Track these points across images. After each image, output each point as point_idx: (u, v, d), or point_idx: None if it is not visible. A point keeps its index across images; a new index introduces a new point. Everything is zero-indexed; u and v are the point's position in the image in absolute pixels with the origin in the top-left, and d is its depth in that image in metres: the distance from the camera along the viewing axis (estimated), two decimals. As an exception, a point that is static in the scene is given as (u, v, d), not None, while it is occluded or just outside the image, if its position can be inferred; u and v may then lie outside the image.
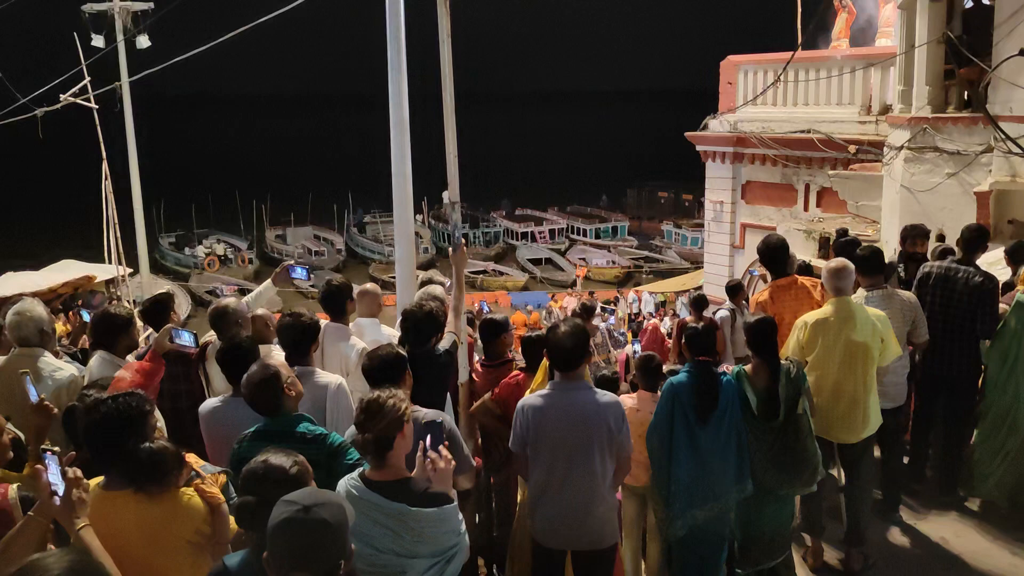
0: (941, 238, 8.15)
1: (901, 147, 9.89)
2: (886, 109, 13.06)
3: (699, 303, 8.97)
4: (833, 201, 14.36)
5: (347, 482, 3.11)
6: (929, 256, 6.73)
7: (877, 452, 5.77)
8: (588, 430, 4.04)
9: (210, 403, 4.26)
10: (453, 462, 3.17)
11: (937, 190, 9.44)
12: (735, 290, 8.55)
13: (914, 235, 6.91)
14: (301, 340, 4.46)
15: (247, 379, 3.67)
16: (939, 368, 6.03)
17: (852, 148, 13.65)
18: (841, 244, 6.75)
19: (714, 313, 8.69)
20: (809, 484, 4.68)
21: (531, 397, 4.23)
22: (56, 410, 3.85)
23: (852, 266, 5.32)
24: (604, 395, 4.12)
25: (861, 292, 5.79)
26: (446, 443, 3.25)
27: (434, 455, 3.11)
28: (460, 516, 3.13)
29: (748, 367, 4.68)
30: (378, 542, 2.97)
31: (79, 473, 2.88)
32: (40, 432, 3.72)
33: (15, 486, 3.23)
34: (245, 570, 2.65)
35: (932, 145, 9.52)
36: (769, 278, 6.19)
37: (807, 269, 7.54)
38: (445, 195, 5.68)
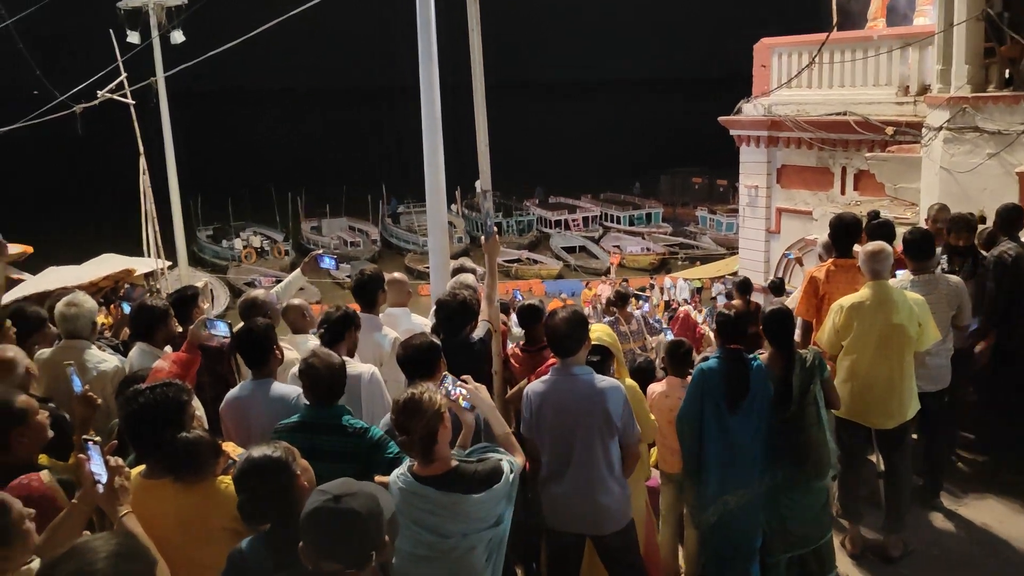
0: (982, 220, 7.96)
1: (940, 128, 9.69)
2: (924, 89, 12.79)
3: (744, 286, 8.86)
4: (871, 184, 14.12)
5: (398, 478, 3.15)
6: (976, 241, 6.53)
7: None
8: (586, 415, 4.05)
9: (231, 394, 4.32)
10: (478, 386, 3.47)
11: (977, 171, 9.24)
12: (781, 288, 8.50)
13: (959, 227, 6.45)
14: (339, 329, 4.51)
15: (326, 364, 3.70)
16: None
17: (889, 130, 13.39)
18: (872, 227, 6.61)
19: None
20: (817, 476, 4.61)
21: (535, 383, 4.25)
22: (100, 400, 3.94)
23: (889, 249, 5.23)
24: (602, 380, 4.11)
25: (906, 275, 5.69)
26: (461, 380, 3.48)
27: (460, 389, 3.32)
28: (508, 471, 3.19)
29: (764, 356, 4.64)
30: (441, 529, 3.05)
31: (120, 462, 2.94)
32: (84, 422, 3.81)
33: (45, 472, 3.29)
34: (252, 553, 2.74)
35: (972, 125, 9.31)
36: (804, 261, 6.12)
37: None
38: (478, 184, 5.68)
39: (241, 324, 5.12)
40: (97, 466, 2.87)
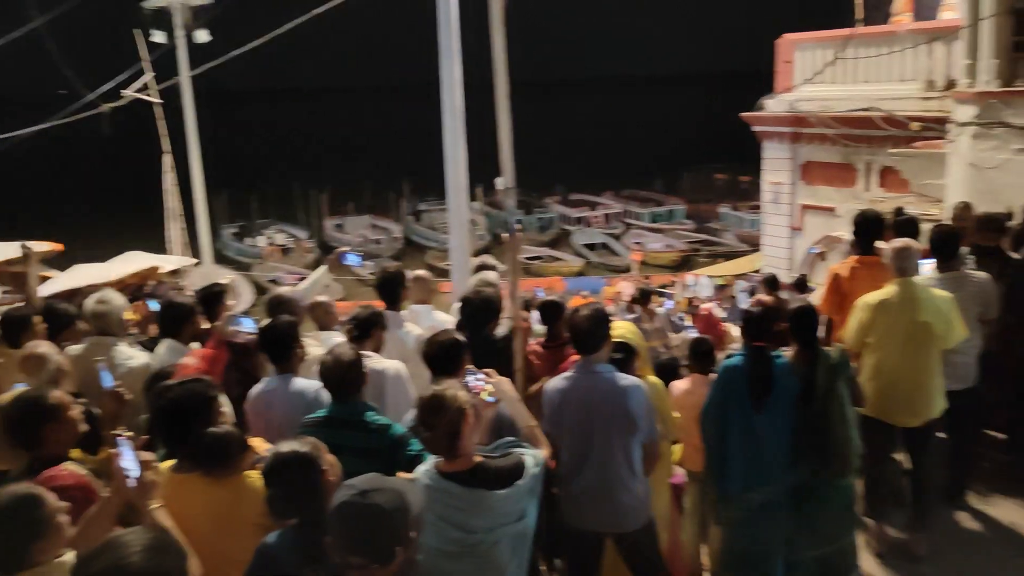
0: (1008, 216, 7.86)
1: (967, 123, 9.59)
2: (951, 84, 12.65)
3: (772, 283, 8.79)
4: (895, 180, 14.01)
5: (423, 475, 3.18)
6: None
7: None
8: (605, 413, 4.05)
9: (255, 389, 4.38)
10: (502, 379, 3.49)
11: (1005, 166, 9.14)
12: (805, 286, 8.44)
13: (988, 227, 6.31)
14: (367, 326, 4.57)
15: (335, 359, 3.74)
16: None
17: (915, 125, 13.26)
18: (898, 224, 6.55)
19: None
20: (841, 475, 4.57)
21: (556, 379, 4.26)
22: (129, 396, 4.00)
23: (916, 246, 5.19)
24: (624, 378, 4.11)
25: (932, 273, 5.64)
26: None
27: (481, 382, 3.36)
28: (531, 466, 3.20)
29: (789, 353, 4.62)
30: (466, 524, 3.08)
31: (151, 456, 2.99)
32: (114, 417, 3.87)
33: (68, 463, 3.34)
34: (279, 547, 2.78)
35: (999, 120, 9.21)
36: (827, 256, 6.09)
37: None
38: (499, 181, 5.70)
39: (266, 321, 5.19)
40: (128, 461, 2.92)
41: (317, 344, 4.93)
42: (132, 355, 4.91)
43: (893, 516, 5.40)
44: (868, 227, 5.90)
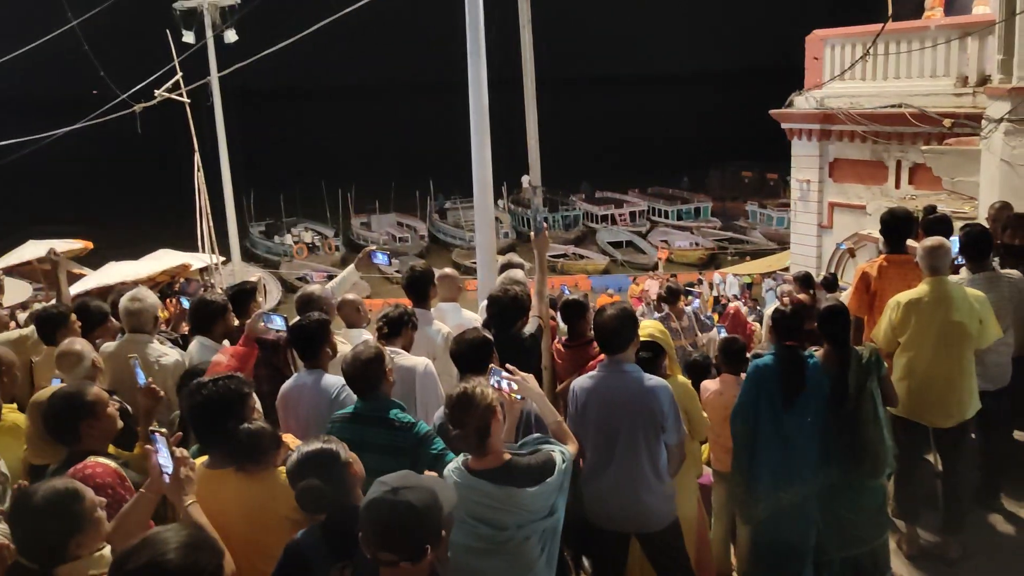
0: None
1: (1001, 119, 9.43)
2: (984, 80, 12.46)
3: (805, 281, 8.67)
4: (927, 178, 13.81)
5: (452, 472, 3.19)
6: None
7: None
8: (631, 413, 4.04)
9: (285, 384, 4.43)
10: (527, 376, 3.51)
11: (1039, 164, 8.98)
12: (834, 285, 8.33)
13: (1016, 226, 6.15)
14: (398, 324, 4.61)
15: (355, 355, 3.78)
16: None
17: (947, 122, 13.07)
18: (929, 222, 6.46)
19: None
20: (873, 475, 4.52)
21: (582, 378, 4.26)
22: (163, 393, 4.06)
23: (948, 244, 5.13)
24: (650, 379, 4.10)
25: (964, 273, 5.57)
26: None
27: (507, 382, 3.39)
28: (560, 463, 3.22)
29: (819, 352, 4.58)
30: (496, 522, 3.10)
31: (186, 452, 3.03)
32: (148, 414, 3.92)
33: (97, 458, 3.39)
34: (307, 544, 2.83)
35: (1034, 116, 9.05)
36: (856, 253, 6.02)
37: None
38: (525, 179, 5.71)
39: (298, 319, 5.24)
40: (163, 457, 2.96)
41: (345, 342, 4.96)
42: (165, 352, 4.98)
43: (925, 518, 5.33)
44: (897, 225, 5.82)
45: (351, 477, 2.91)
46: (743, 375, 4.80)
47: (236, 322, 5.28)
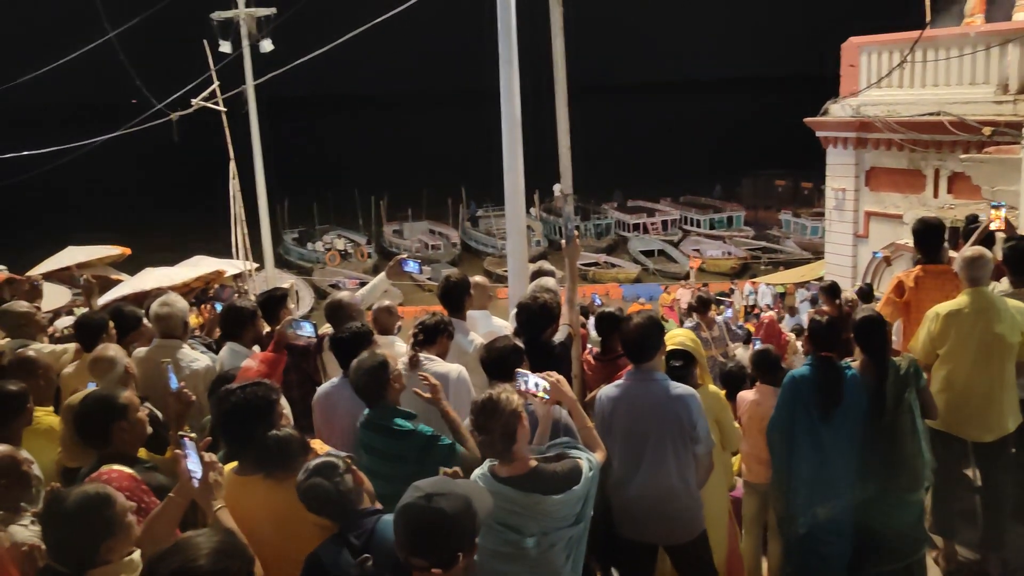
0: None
1: (1043, 127, 9.25)
2: (1026, 87, 12.24)
3: (832, 291, 8.58)
4: (966, 187, 13.56)
5: (478, 479, 3.19)
6: None
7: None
8: (657, 422, 4.00)
9: (322, 388, 4.46)
10: (560, 379, 3.52)
11: (1082, 173, 8.78)
12: (870, 295, 8.20)
13: None
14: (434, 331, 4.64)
15: (357, 363, 3.83)
16: None
17: (987, 130, 12.84)
18: (970, 231, 6.33)
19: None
20: (911, 489, 4.42)
21: (609, 387, 4.23)
22: (194, 397, 4.09)
23: (989, 255, 5.03)
24: (677, 387, 4.06)
25: (1003, 284, 5.45)
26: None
27: (535, 382, 3.39)
28: (587, 471, 3.21)
29: (856, 363, 4.49)
30: (522, 529, 3.09)
31: (215, 458, 3.05)
32: (179, 418, 3.95)
33: (118, 467, 3.41)
34: (326, 554, 2.87)
35: (1077, 124, 8.86)
36: (892, 262, 5.92)
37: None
38: (556, 187, 5.69)
39: (327, 325, 5.26)
40: (193, 462, 2.98)
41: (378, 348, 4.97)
42: (196, 358, 5.02)
43: (963, 534, 5.23)
44: (931, 235, 5.72)
45: (354, 484, 2.95)
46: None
47: (267, 328, 5.31)
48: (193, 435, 3.07)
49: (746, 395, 5.33)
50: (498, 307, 9.52)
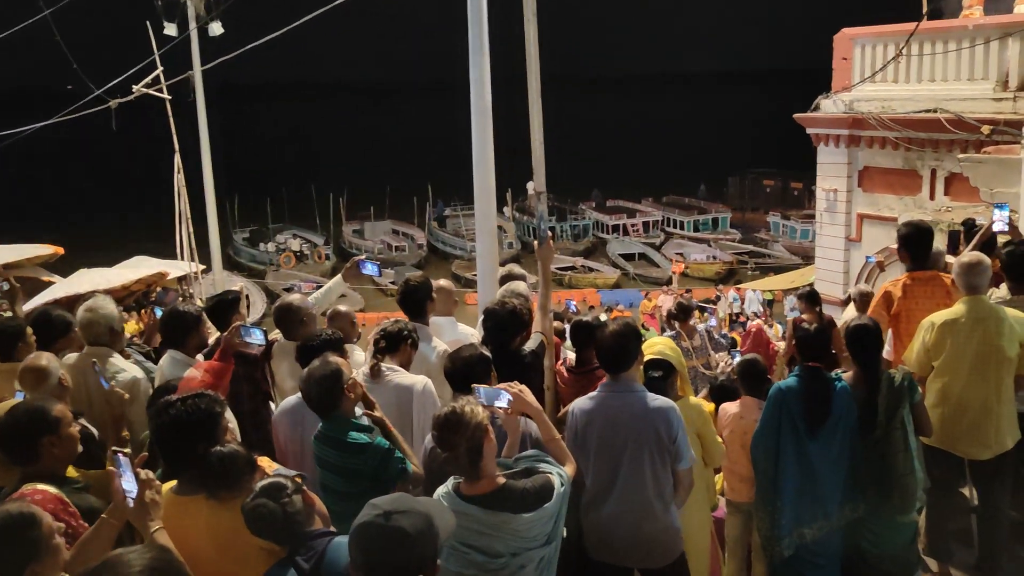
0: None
1: (1044, 126, 9.43)
2: (1026, 84, 12.47)
3: (811, 298, 8.70)
4: (963, 188, 13.77)
5: (442, 497, 3.18)
6: None
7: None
8: (634, 437, 4.00)
9: (287, 403, 4.41)
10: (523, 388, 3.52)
11: (1085, 174, 8.96)
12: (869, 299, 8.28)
13: None
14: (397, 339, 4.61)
15: (308, 373, 3.80)
16: None
17: (986, 128, 13.06)
18: (971, 236, 6.42)
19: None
20: (902, 510, 4.47)
21: (581, 400, 4.23)
22: (127, 395, 4.04)
23: (988, 261, 5.10)
24: (656, 399, 4.07)
25: (1002, 291, 5.53)
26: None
27: (498, 397, 3.40)
28: (559, 487, 3.21)
29: (847, 375, 4.54)
30: (489, 549, 3.10)
31: (151, 475, 3.00)
32: (116, 422, 3.90)
33: (42, 485, 3.36)
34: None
35: (1080, 123, 9.04)
36: (886, 268, 5.98)
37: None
38: (530, 185, 5.69)
39: (276, 331, 5.22)
40: (127, 480, 2.93)
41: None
42: (122, 368, 4.93)
43: (959, 557, 5.29)
44: (920, 239, 5.78)
45: (304, 505, 2.93)
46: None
47: (213, 335, 5.26)
48: (127, 451, 3.03)
49: (728, 408, 5.36)
50: (467, 314, 9.53)
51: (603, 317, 12.06)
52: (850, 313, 7.88)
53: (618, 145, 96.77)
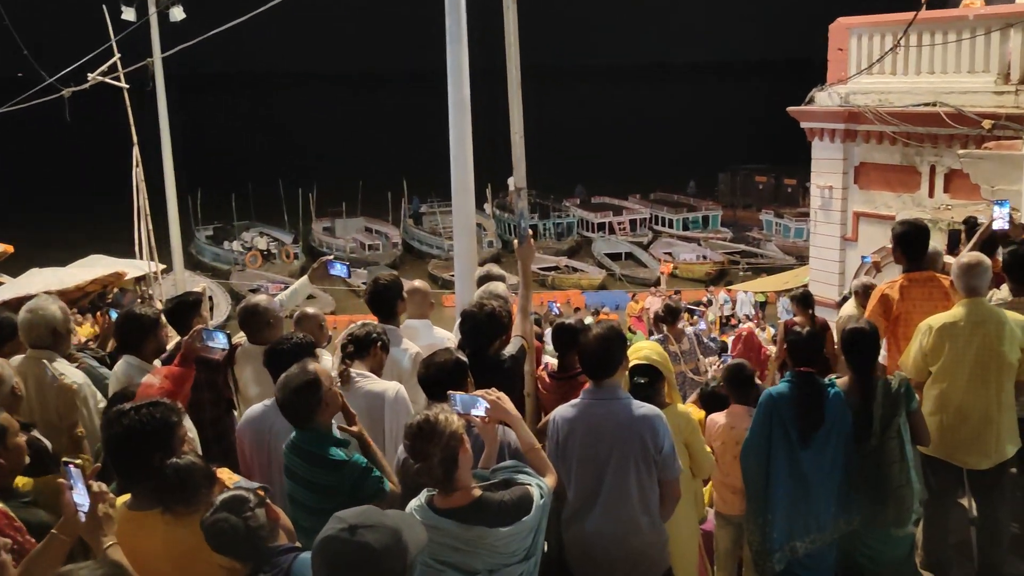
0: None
1: (1046, 121, 9.53)
2: (1029, 77, 12.58)
3: (804, 300, 8.75)
4: (964, 185, 13.88)
5: (415, 511, 3.16)
6: None
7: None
8: (618, 446, 4.00)
9: (252, 411, 4.38)
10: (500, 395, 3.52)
11: (1089, 171, 9.06)
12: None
13: None
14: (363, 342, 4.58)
15: (284, 380, 3.76)
16: None
17: (987, 123, 13.18)
18: (972, 235, 6.48)
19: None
20: (899, 521, 4.51)
21: (563, 407, 4.23)
22: (75, 385, 4.05)
23: (988, 262, 5.14)
24: (641, 407, 4.07)
25: (1003, 292, 5.58)
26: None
27: (474, 404, 3.42)
28: (538, 499, 3.21)
29: (842, 381, 4.56)
30: (465, 565, 3.09)
31: (105, 488, 2.97)
32: (68, 413, 3.87)
33: None
34: None
35: (1084, 118, 9.15)
36: (883, 268, 6.01)
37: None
38: (510, 181, 5.68)
39: (239, 335, 5.18)
40: (79, 493, 2.90)
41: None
42: (64, 372, 4.87)
43: (958, 570, 5.33)
44: (916, 238, 5.82)
45: (267, 519, 2.91)
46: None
47: (173, 340, 5.22)
48: (79, 461, 3.00)
49: (716, 418, 5.36)
50: (444, 316, 9.51)
51: (588, 320, 12.07)
52: (849, 310, 7.91)
53: (604, 139, 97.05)
